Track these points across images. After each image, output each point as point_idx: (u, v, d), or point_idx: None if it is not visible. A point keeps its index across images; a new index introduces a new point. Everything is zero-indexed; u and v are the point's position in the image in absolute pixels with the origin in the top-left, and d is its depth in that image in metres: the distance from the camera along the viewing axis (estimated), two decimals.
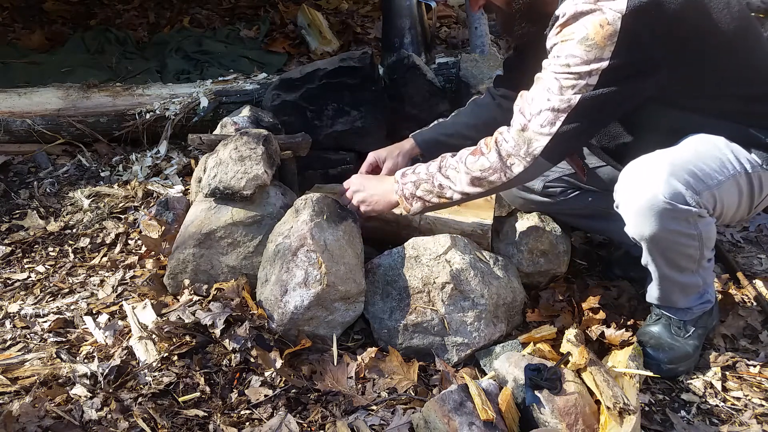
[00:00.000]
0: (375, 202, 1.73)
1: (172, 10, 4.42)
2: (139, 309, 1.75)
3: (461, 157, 1.57)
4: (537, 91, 1.45)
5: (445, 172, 1.59)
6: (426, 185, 1.62)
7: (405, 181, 1.65)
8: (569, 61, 1.37)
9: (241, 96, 2.79)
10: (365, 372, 1.61)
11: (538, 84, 1.46)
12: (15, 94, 2.86)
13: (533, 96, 1.45)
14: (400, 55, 2.59)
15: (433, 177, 1.60)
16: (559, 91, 1.40)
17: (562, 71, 1.39)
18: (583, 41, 1.35)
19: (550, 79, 1.41)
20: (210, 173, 1.85)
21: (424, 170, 1.64)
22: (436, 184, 1.60)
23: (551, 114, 1.41)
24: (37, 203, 2.53)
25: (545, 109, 1.42)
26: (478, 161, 1.53)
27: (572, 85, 1.38)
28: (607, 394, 1.39)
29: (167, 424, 1.44)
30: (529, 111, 1.45)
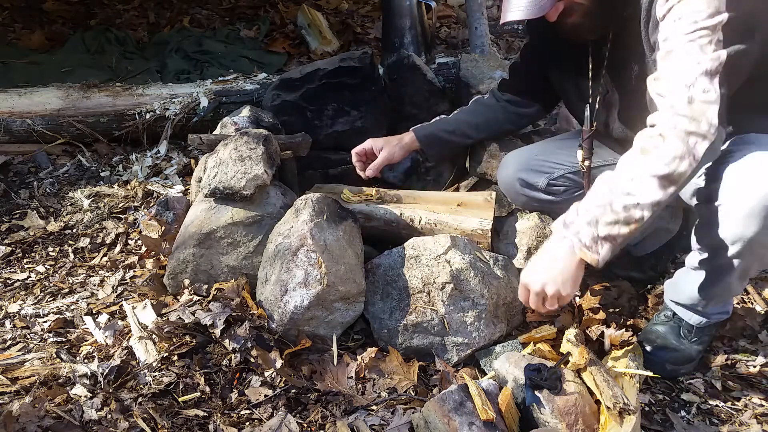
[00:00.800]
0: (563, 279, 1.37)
1: (172, 10, 4.42)
2: (139, 309, 1.75)
3: (631, 165, 1.34)
4: (679, 62, 1.32)
5: (622, 190, 1.32)
6: (606, 217, 1.32)
7: (576, 228, 1.35)
8: (696, 17, 1.31)
9: (241, 96, 2.79)
10: (365, 372, 1.61)
11: (672, 57, 1.34)
12: (15, 94, 2.86)
13: (678, 69, 1.32)
14: (400, 55, 2.59)
15: (611, 203, 1.32)
16: (702, 51, 1.30)
17: (692, 29, 1.31)
18: None
19: (686, 44, 1.32)
20: (210, 173, 1.85)
21: (591, 205, 1.35)
22: (620, 209, 1.31)
23: (707, 78, 1.30)
24: (37, 203, 2.53)
25: (699, 74, 1.30)
26: (659, 156, 1.30)
27: (709, 41, 1.30)
28: (607, 394, 1.39)
29: (167, 424, 1.44)
30: (683, 83, 1.30)
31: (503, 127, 2.07)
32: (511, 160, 1.93)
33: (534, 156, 1.89)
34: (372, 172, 2.01)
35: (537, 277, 1.40)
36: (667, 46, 1.36)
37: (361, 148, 2.03)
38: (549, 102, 2.01)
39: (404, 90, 2.53)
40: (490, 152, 2.12)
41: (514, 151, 1.96)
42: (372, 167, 2.01)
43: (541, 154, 1.88)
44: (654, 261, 2.05)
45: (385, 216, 1.96)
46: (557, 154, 1.86)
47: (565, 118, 2.39)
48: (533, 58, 1.89)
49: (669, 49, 1.35)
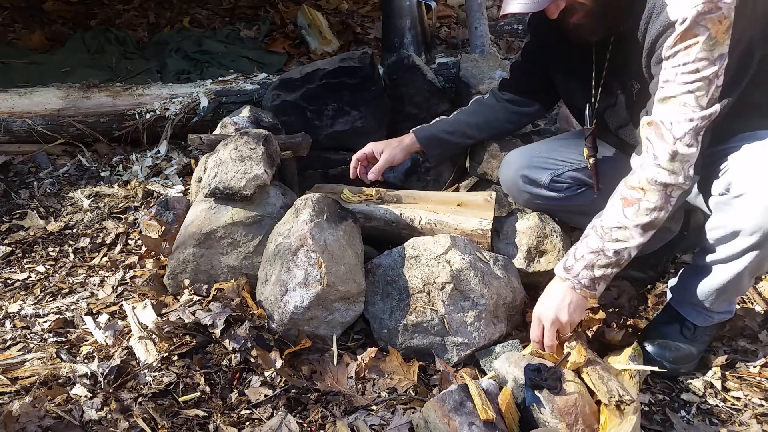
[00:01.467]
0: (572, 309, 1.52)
1: (172, 10, 4.42)
2: (139, 309, 1.75)
3: (617, 215, 1.47)
4: (673, 114, 1.38)
5: (611, 238, 1.47)
6: (600, 261, 1.48)
7: (575, 273, 1.51)
8: (698, 66, 1.33)
9: (241, 96, 2.79)
10: (365, 372, 1.61)
11: (669, 104, 1.39)
12: (15, 94, 2.86)
13: (671, 120, 1.38)
14: (400, 55, 2.59)
15: (603, 250, 1.48)
16: (697, 105, 1.36)
17: (692, 80, 1.35)
18: (707, 41, 1.31)
19: (683, 95, 1.36)
20: (210, 173, 1.85)
21: (584, 251, 1.50)
22: (611, 254, 1.47)
23: (694, 133, 1.37)
24: (37, 203, 2.53)
25: (689, 130, 1.37)
26: (641, 208, 1.44)
27: (705, 93, 1.35)
28: (602, 390, 1.39)
29: (167, 424, 1.44)
30: (672, 136, 1.38)
31: (504, 127, 2.07)
32: (513, 159, 1.93)
33: (537, 154, 1.89)
34: (374, 176, 2.01)
35: (550, 310, 1.53)
36: (666, 89, 1.40)
37: (362, 153, 2.03)
38: (549, 101, 2.01)
39: (404, 90, 2.53)
40: (491, 152, 2.12)
41: (516, 150, 1.97)
42: (374, 171, 2.01)
43: (544, 152, 1.89)
44: (654, 261, 2.05)
45: (385, 216, 1.96)
46: (560, 152, 1.86)
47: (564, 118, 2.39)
48: (534, 57, 1.89)
49: (667, 95, 1.39)
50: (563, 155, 1.85)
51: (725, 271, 1.57)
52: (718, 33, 1.31)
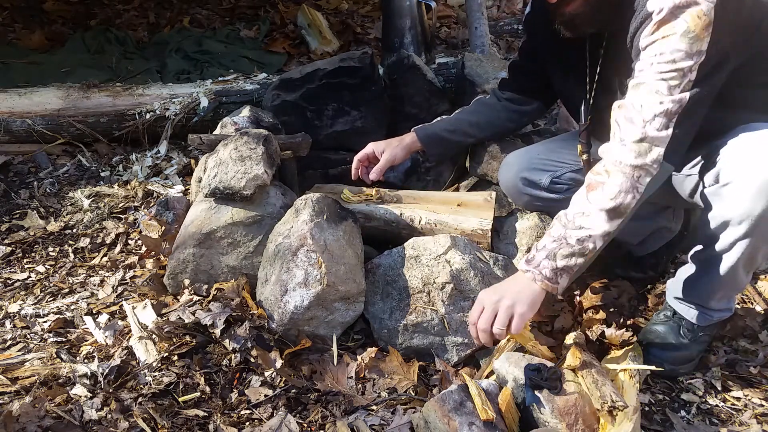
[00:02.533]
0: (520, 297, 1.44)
1: (172, 10, 4.42)
2: (139, 309, 1.75)
3: (581, 201, 1.44)
4: (644, 97, 1.38)
5: (574, 225, 1.42)
6: (563, 250, 1.42)
7: (536, 263, 1.45)
8: (674, 56, 1.34)
9: (241, 96, 2.79)
10: (365, 372, 1.61)
11: (640, 89, 1.39)
12: (15, 94, 2.86)
13: (641, 102, 1.38)
14: (400, 55, 2.59)
15: (565, 237, 1.42)
16: (668, 92, 1.36)
17: (667, 69, 1.35)
18: (685, 35, 1.33)
19: (656, 81, 1.37)
20: (210, 173, 1.85)
21: (547, 241, 1.45)
22: (573, 242, 1.41)
23: (664, 118, 1.37)
24: (37, 203, 2.53)
25: (659, 113, 1.37)
26: (605, 191, 1.40)
27: (678, 83, 1.36)
28: (595, 395, 1.39)
29: (167, 424, 1.44)
30: (641, 118, 1.38)
31: (505, 126, 2.07)
32: (513, 160, 1.93)
33: (536, 155, 1.89)
34: (375, 176, 2.01)
35: (494, 293, 1.47)
36: (639, 77, 1.40)
37: (363, 154, 2.03)
38: (548, 99, 2.02)
39: (404, 90, 2.53)
40: (491, 153, 2.12)
41: (516, 152, 1.96)
42: (375, 170, 2.00)
43: (543, 153, 1.89)
44: (654, 261, 2.05)
45: (385, 216, 1.96)
46: (559, 153, 1.86)
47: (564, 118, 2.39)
48: (531, 56, 1.89)
49: (640, 81, 1.40)
50: (562, 156, 1.85)
51: (719, 266, 1.55)
52: (697, 28, 1.32)
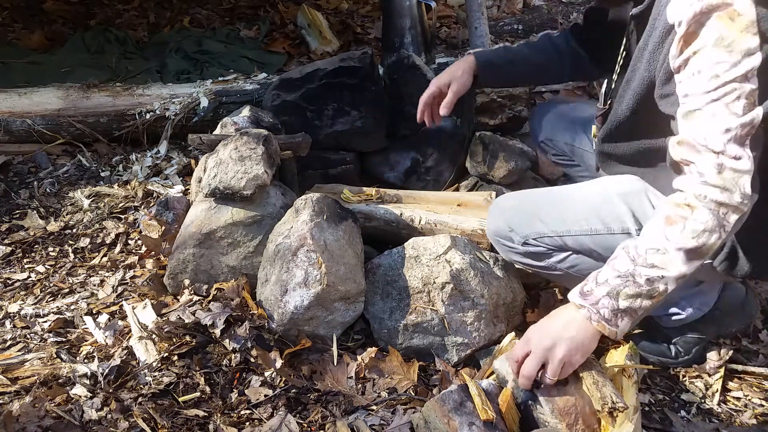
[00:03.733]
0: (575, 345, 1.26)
1: (172, 10, 4.42)
2: (139, 309, 1.75)
3: (656, 236, 1.22)
4: (704, 126, 1.18)
5: (645, 262, 1.21)
6: (628, 289, 1.22)
7: (594, 299, 1.25)
8: (717, 70, 1.16)
9: (241, 96, 2.79)
10: (365, 372, 1.61)
11: (695, 118, 1.20)
12: (15, 94, 2.86)
13: (703, 134, 1.18)
14: (400, 55, 2.59)
15: (633, 275, 1.22)
16: (729, 112, 1.16)
17: (715, 86, 1.17)
18: (719, 43, 1.15)
19: (709, 104, 1.18)
20: (210, 173, 1.85)
21: (610, 275, 1.24)
22: (643, 282, 1.21)
23: (737, 144, 1.16)
24: (37, 203, 2.53)
25: (728, 140, 1.16)
26: (686, 229, 1.19)
27: (737, 97, 1.16)
28: (596, 397, 1.39)
29: (167, 424, 1.44)
30: (712, 150, 1.17)
31: (561, 76, 1.96)
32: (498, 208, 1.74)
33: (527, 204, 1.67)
34: (446, 111, 1.84)
35: (546, 335, 1.26)
36: (688, 104, 1.21)
37: (429, 95, 1.86)
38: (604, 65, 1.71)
39: (404, 90, 2.53)
40: (491, 152, 2.12)
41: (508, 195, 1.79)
42: (445, 105, 1.83)
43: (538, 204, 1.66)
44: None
45: (385, 216, 1.96)
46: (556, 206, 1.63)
47: None
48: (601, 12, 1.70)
49: (691, 108, 1.21)
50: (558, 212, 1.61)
51: None
52: (733, 32, 1.14)
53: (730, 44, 1.15)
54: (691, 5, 1.16)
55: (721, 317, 1.67)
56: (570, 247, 1.57)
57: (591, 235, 1.52)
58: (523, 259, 1.66)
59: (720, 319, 1.67)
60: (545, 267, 1.64)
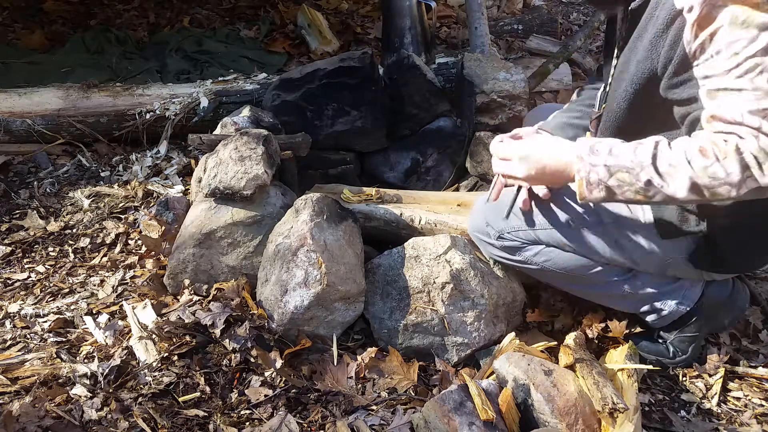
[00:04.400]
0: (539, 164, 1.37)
1: (172, 10, 4.41)
2: (139, 309, 1.75)
3: (685, 153, 1.21)
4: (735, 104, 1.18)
5: (660, 167, 1.22)
6: (626, 176, 1.25)
7: (595, 162, 1.27)
8: (735, 48, 1.15)
9: (241, 96, 2.79)
10: (365, 372, 1.61)
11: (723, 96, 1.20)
12: (15, 94, 2.86)
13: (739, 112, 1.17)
14: (400, 55, 2.59)
15: (642, 169, 1.23)
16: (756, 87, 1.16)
17: (736, 63, 1.16)
18: (734, 22, 1.15)
19: (733, 81, 1.17)
20: (210, 173, 1.85)
21: (626, 155, 1.25)
22: (643, 179, 1.24)
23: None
24: (37, 203, 2.52)
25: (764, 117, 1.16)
26: (712, 167, 1.18)
27: (760, 72, 1.15)
28: (596, 397, 1.39)
29: (167, 424, 1.44)
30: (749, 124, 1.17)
31: None
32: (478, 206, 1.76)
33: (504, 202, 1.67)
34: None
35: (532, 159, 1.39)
36: (709, 84, 1.21)
37: None
38: None
39: (404, 90, 2.53)
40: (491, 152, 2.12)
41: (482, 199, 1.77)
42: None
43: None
44: None
45: (385, 216, 1.96)
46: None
47: None
48: None
49: (714, 87, 1.21)
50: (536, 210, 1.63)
51: None
52: (746, 8, 1.13)
53: (745, 20, 1.14)
54: None
55: (710, 312, 1.67)
56: (543, 241, 1.61)
57: (563, 228, 1.56)
58: (500, 252, 1.70)
59: (709, 314, 1.67)
60: (521, 261, 1.68)
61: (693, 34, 1.20)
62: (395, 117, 2.56)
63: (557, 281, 1.73)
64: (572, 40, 3.42)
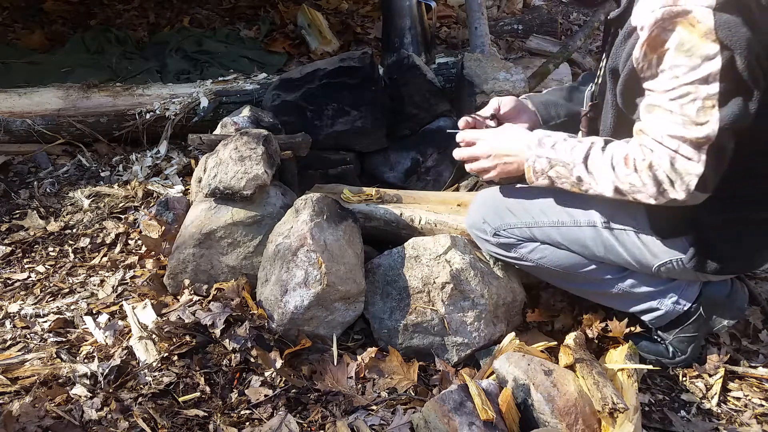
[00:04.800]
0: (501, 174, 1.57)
1: (172, 10, 4.42)
2: (139, 309, 1.75)
3: (611, 158, 1.36)
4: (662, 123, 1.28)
5: (590, 167, 1.39)
6: (563, 170, 1.43)
7: (540, 154, 1.46)
8: (676, 73, 1.23)
9: (241, 96, 2.79)
10: (365, 372, 1.61)
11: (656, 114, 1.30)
12: (15, 94, 2.86)
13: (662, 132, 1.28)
14: (400, 55, 2.59)
15: (574, 166, 1.41)
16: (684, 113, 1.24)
17: (673, 87, 1.25)
18: (679, 48, 1.21)
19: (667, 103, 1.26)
20: (210, 173, 1.85)
21: (565, 152, 1.43)
22: (575, 175, 1.42)
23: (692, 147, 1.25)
24: (37, 203, 2.52)
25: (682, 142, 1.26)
26: (630, 176, 1.33)
27: (693, 99, 1.23)
28: (596, 397, 1.39)
29: (167, 424, 1.44)
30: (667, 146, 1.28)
31: None
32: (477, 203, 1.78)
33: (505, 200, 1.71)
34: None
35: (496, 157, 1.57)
36: (649, 99, 1.31)
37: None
38: None
39: (404, 90, 2.54)
40: None
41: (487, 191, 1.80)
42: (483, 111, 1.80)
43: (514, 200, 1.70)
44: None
45: (385, 216, 1.96)
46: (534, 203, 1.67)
47: None
48: None
49: (651, 103, 1.31)
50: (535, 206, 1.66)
51: None
52: (692, 38, 1.20)
53: (690, 49, 1.21)
54: (653, 12, 1.22)
55: (709, 311, 1.66)
56: (538, 239, 1.64)
57: (558, 227, 1.59)
58: (496, 249, 1.73)
59: (707, 314, 1.67)
60: (517, 258, 1.70)
61: (642, 52, 1.28)
62: (395, 117, 2.56)
63: (554, 279, 1.75)
64: (572, 40, 3.42)
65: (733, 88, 1.22)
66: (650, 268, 1.56)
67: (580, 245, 1.59)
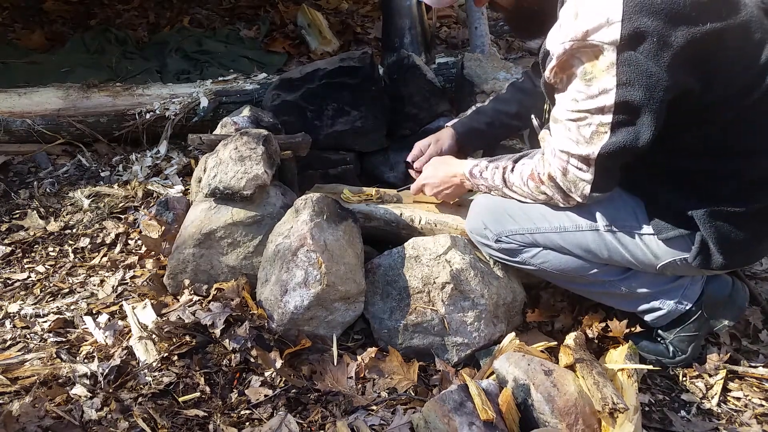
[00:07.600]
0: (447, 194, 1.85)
1: (172, 10, 4.42)
2: (139, 309, 1.75)
3: (521, 177, 1.58)
4: (560, 137, 1.41)
5: (511, 187, 1.62)
6: (495, 191, 1.68)
7: (476, 183, 1.72)
8: (577, 97, 1.34)
9: (241, 96, 2.79)
10: (365, 372, 1.61)
11: (557, 127, 1.43)
12: (15, 94, 2.86)
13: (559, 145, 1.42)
14: (400, 55, 2.59)
15: (500, 188, 1.65)
16: (580, 135, 1.36)
17: (571, 108, 1.36)
18: (582, 76, 1.31)
19: (566, 121, 1.38)
20: (210, 173, 1.85)
21: (491, 178, 1.66)
22: (505, 193, 1.65)
23: (582, 162, 1.39)
24: (37, 203, 2.53)
25: (573, 156, 1.40)
26: (540, 188, 1.53)
27: (588, 124, 1.34)
28: (596, 397, 1.39)
29: (167, 424, 1.44)
30: (560, 157, 1.43)
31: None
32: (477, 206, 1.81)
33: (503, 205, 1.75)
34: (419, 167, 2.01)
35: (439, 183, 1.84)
36: (554, 112, 1.43)
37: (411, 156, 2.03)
38: None
39: (404, 90, 2.54)
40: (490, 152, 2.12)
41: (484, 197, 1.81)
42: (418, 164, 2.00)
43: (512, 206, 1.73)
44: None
45: (385, 216, 1.96)
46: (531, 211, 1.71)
47: None
48: None
49: (555, 116, 1.43)
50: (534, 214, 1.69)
51: None
52: (595, 69, 1.28)
53: (591, 80, 1.30)
54: (563, 43, 1.30)
55: (710, 311, 1.67)
56: (541, 244, 1.65)
57: (560, 232, 1.61)
58: (498, 254, 1.75)
59: (709, 313, 1.67)
60: (519, 262, 1.71)
61: (553, 73, 1.38)
62: (395, 117, 2.56)
63: (557, 280, 1.75)
64: None
65: (626, 120, 1.30)
66: (654, 267, 1.56)
67: (583, 249, 1.59)
